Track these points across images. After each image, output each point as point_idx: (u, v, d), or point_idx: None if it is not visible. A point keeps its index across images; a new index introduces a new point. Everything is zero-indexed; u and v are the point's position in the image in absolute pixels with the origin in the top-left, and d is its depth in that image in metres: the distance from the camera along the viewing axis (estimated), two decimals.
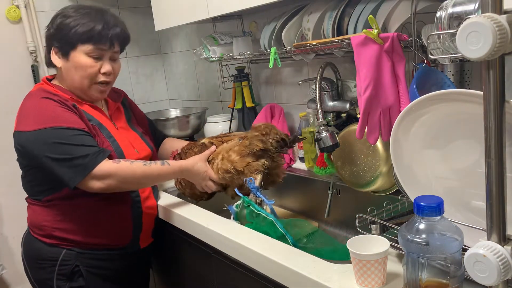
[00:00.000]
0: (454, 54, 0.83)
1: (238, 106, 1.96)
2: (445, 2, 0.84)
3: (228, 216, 1.29)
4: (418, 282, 0.74)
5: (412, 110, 0.85)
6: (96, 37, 1.33)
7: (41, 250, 1.39)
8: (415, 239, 0.72)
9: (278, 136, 1.41)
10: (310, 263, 0.97)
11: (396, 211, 1.05)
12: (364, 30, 1.10)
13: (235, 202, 1.29)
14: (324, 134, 1.30)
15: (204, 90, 2.43)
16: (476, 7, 0.78)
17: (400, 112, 0.93)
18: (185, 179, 1.46)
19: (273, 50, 1.47)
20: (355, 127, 1.19)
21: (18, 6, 2.27)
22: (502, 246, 0.65)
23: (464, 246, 0.72)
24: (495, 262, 0.63)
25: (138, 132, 1.56)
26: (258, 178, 1.32)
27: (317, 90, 1.33)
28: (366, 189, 1.32)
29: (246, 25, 1.93)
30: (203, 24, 2.09)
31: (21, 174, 1.43)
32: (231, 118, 1.98)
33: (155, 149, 1.63)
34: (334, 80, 1.49)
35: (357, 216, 0.97)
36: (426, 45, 1.02)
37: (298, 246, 1.11)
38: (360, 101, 1.13)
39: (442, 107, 0.82)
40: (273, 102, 1.89)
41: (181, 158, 1.51)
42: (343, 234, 1.49)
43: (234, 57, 1.73)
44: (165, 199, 1.53)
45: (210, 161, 1.44)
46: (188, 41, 2.43)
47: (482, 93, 0.64)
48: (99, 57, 1.36)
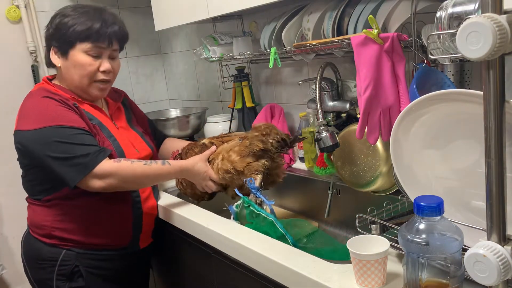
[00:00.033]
0: (454, 54, 0.83)
1: (238, 106, 1.95)
2: (445, 2, 0.84)
3: (228, 216, 1.29)
4: (418, 282, 0.74)
5: (412, 110, 0.85)
6: (94, 35, 1.33)
7: (41, 250, 1.39)
8: (415, 239, 0.72)
9: (278, 136, 1.41)
10: (310, 263, 0.97)
11: (396, 211, 1.05)
12: (364, 30, 1.10)
13: (235, 202, 1.29)
14: (324, 134, 1.30)
15: (204, 90, 2.43)
16: (476, 7, 0.78)
17: (400, 112, 0.94)
18: (186, 179, 1.46)
19: (273, 50, 1.47)
20: (355, 127, 1.19)
21: (18, 6, 2.27)
22: (502, 246, 0.65)
23: (464, 246, 0.72)
24: (495, 262, 0.63)
25: (139, 132, 1.56)
26: (258, 178, 1.32)
27: (317, 90, 1.33)
28: (366, 189, 1.32)
29: (246, 25, 1.93)
30: (203, 24, 2.09)
31: (21, 173, 1.43)
32: (231, 118, 1.98)
33: (156, 149, 1.63)
34: (334, 80, 1.49)
35: (357, 216, 0.97)
36: (426, 45, 1.02)
37: (298, 246, 1.11)
38: (360, 101, 1.13)
39: (442, 107, 0.82)
40: (273, 102, 1.89)
41: (181, 158, 1.51)
42: (343, 234, 1.49)
43: (234, 57, 1.73)
44: (165, 199, 1.53)
45: (211, 161, 1.44)
46: (188, 41, 2.43)
47: (482, 93, 0.64)
48: (98, 55, 1.36)
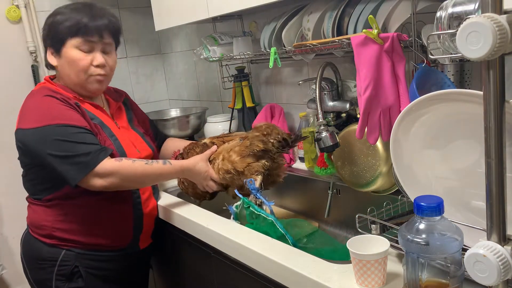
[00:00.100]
0: (454, 54, 0.83)
1: (238, 106, 1.95)
2: (445, 2, 0.84)
3: (228, 216, 1.29)
4: (418, 282, 0.74)
5: (412, 110, 0.85)
6: (83, 29, 1.34)
7: (40, 250, 1.39)
8: (415, 239, 0.72)
9: (279, 136, 1.40)
10: (310, 263, 0.97)
11: (396, 211, 1.05)
12: (364, 30, 1.10)
13: (235, 203, 1.29)
14: (324, 134, 1.30)
15: (204, 90, 2.43)
16: (476, 7, 0.78)
17: (400, 112, 0.93)
18: (187, 179, 1.46)
19: (273, 50, 1.47)
20: (355, 127, 1.19)
21: (18, 6, 2.27)
22: (502, 246, 0.65)
23: (464, 246, 0.72)
24: (495, 262, 0.63)
25: (139, 132, 1.56)
26: (258, 179, 1.32)
27: (317, 90, 1.33)
28: (366, 189, 1.32)
29: (246, 25, 1.93)
30: (203, 24, 2.09)
31: (22, 173, 1.43)
32: (231, 118, 1.98)
33: (156, 149, 1.63)
34: (334, 80, 1.49)
35: (357, 216, 0.97)
36: (426, 45, 1.02)
37: (298, 246, 1.11)
38: (360, 101, 1.13)
39: (442, 107, 0.82)
40: (273, 102, 1.89)
41: (183, 158, 1.51)
42: (343, 234, 1.49)
43: (234, 57, 1.73)
44: (165, 199, 1.53)
45: (211, 161, 1.44)
46: (188, 41, 2.43)
47: (482, 93, 0.64)
48: (90, 50, 1.36)
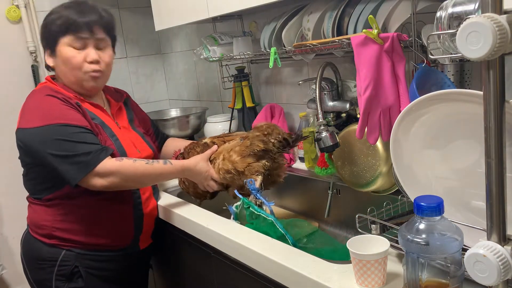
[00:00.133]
0: (454, 54, 0.83)
1: (238, 106, 1.96)
2: (445, 2, 0.84)
3: (228, 216, 1.29)
4: (418, 282, 0.74)
5: (412, 110, 0.85)
6: (72, 26, 1.34)
7: (40, 250, 1.39)
8: (415, 239, 0.72)
9: (280, 136, 1.40)
10: (310, 263, 0.97)
11: (396, 211, 1.05)
12: (364, 30, 1.10)
13: (235, 203, 1.29)
14: (324, 134, 1.30)
15: (204, 90, 2.43)
16: (476, 7, 0.78)
17: (400, 112, 0.93)
18: (188, 179, 1.46)
19: (273, 50, 1.47)
20: (355, 127, 1.19)
21: (18, 6, 2.27)
22: (502, 246, 0.65)
23: (464, 246, 0.72)
24: (495, 262, 0.63)
25: (140, 133, 1.56)
26: (259, 179, 1.32)
27: (317, 90, 1.33)
28: (366, 189, 1.32)
29: (246, 25, 1.93)
30: (203, 24, 2.09)
31: (22, 172, 1.43)
32: (231, 118, 1.98)
33: (157, 150, 1.63)
34: (334, 80, 1.49)
35: (357, 216, 0.97)
36: (426, 45, 1.02)
37: (298, 246, 1.11)
38: (360, 101, 1.13)
39: (442, 107, 0.82)
40: (273, 102, 1.89)
41: (183, 158, 1.51)
42: (343, 234, 1.49)
43: (234, 57, 1.73)
44: (165, 199, 1.53)
45: (212, 160, 1.43)
46: (188, 41, 2.43)
47: (482, 93, 0.64)
48: (83, 46, 1.36)
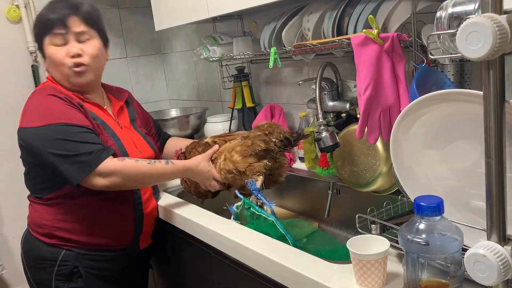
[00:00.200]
0: (454, 54, 0.83)
1: (238, 106, 1.96)
2: (445, 2, 0.84)
3: (228, 216, 1.29)
4: (418, 282, 0.74)
5: (412, 110, 0.85)
6: (47, 24, 1.35)
7: (40, 249, 1.39)
8: (415, 239, 0.72)
9: (281, 135, 1.39)
10: (310, 263, 0.97)
11: (396, 211, 1.05)
12: (364, 30, 1.10)
13: (236, 203, 1.29)
14: (324, 134, 1.30)
15: (204, 90, 2.43)
16: (476, 7, 0.78)
17: (400, 112, 0.93)
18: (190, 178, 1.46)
19: (273, 50, 1.47)
20: (355, 127, 1.19)
21: (18, 6, 2.27)
22: (502, 246, 0.65)
23: (464, 246, 0.72)
24: (495, 262, 0.63)
25: (141, 133, 1.55)
26: (260, 179, 1.31)
27: (317, 90, 1.33)
28: (366, 189, 1.32)
29: (246, 25, 1.93)
30: (203, 24, 2.09)
31: (23, 171, 1.43)
32: (231, 118, 1.98)
33: (158, 151, 1.62)
34: (334, 80, 1.49)
35: (357, 216, 0.97)
36: (426, 45, 1.02)
37: (298, 246, 1.11)
38: (360, 101, 1.13)
39: (442, 107, 0.82)
40: (273, 102, 1.89)
41: (185, 157, 1.51)
42: (343, 234, 1.49)
43: (234, 57, 1.73)
44: (165, 199, 1.53)
45: (213, 160, 1.43)
46: (188, 41, 2.43)
47: (482, 93, 0.64)
48: (64, 42, 1.36)
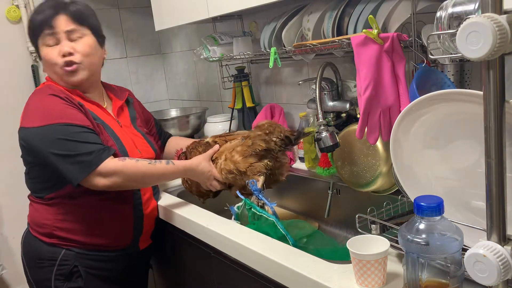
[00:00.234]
0: (454, 54, 0.83)
1: (238, 106, 1.96)
2: (445, 2, 0.84)
3: (228, 216, 1.29)
4: (418, 282, 0.74)
5: (412, 110, 0.85)
6: (37, 26, 1.36)
7: (40, 249, 1.39)
8: (415, 239, 0.72)
9: (282, 134, 1.38)
10: (310, 263, 0.97)
11: (396, 211, 1.05)
12: (364, 30, 1.10)
13: (237, 203, 1.29)
14: (324, 134, 1.30)
15: (204, 90, 2.43)
16: (476, 7, 0.78)
17: (400, 112, 0.93)
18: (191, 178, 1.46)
19: (273, 50, 1.47)
20: (355, 127, 1.19)
21: (18, 6, 2.27)
22: (502, 246, 0.65)
23: (464, 246, 0.72)
24: (495, 262, 0.63)
25: (142, 132, 1.55)
26: (261, 180, 1.31)
27: (317, 90, 1.33)
28: (366, 189, 1.32)
29: (246, 25, 1.93)
30: (203, 24, 2.09)
31: (24, 170, 1.42)
32: (231, 118, 1.98)
33: (159, 149, 1.62)
34: (334, 80, 1.49)
35: (357, 216, 0.97)
36: (426, 45, 1.02)
37: (298, 247, 1.11)
38: (360, 101, 1.13)
39: (442, 107, 0.82)
40: (273, 102, 1.89)
41: (186, 157, 1.51)
42: (343, 234, 1.49)
43: (234, 57, 1.73)
44: (165, 199, 1.53)
45: (214, 160, 1.43)
46: (188, 41, 2.43)
47: (482, 93, 0.64)
48: (56, 42, 1.36)
